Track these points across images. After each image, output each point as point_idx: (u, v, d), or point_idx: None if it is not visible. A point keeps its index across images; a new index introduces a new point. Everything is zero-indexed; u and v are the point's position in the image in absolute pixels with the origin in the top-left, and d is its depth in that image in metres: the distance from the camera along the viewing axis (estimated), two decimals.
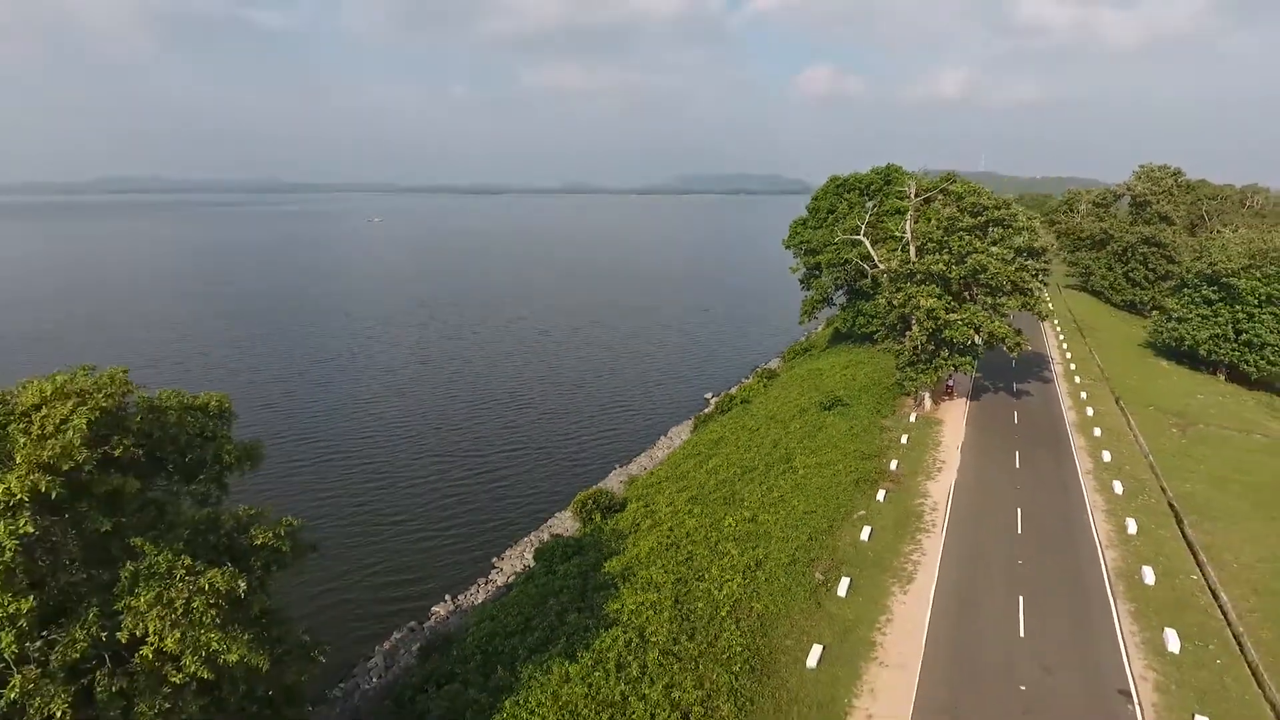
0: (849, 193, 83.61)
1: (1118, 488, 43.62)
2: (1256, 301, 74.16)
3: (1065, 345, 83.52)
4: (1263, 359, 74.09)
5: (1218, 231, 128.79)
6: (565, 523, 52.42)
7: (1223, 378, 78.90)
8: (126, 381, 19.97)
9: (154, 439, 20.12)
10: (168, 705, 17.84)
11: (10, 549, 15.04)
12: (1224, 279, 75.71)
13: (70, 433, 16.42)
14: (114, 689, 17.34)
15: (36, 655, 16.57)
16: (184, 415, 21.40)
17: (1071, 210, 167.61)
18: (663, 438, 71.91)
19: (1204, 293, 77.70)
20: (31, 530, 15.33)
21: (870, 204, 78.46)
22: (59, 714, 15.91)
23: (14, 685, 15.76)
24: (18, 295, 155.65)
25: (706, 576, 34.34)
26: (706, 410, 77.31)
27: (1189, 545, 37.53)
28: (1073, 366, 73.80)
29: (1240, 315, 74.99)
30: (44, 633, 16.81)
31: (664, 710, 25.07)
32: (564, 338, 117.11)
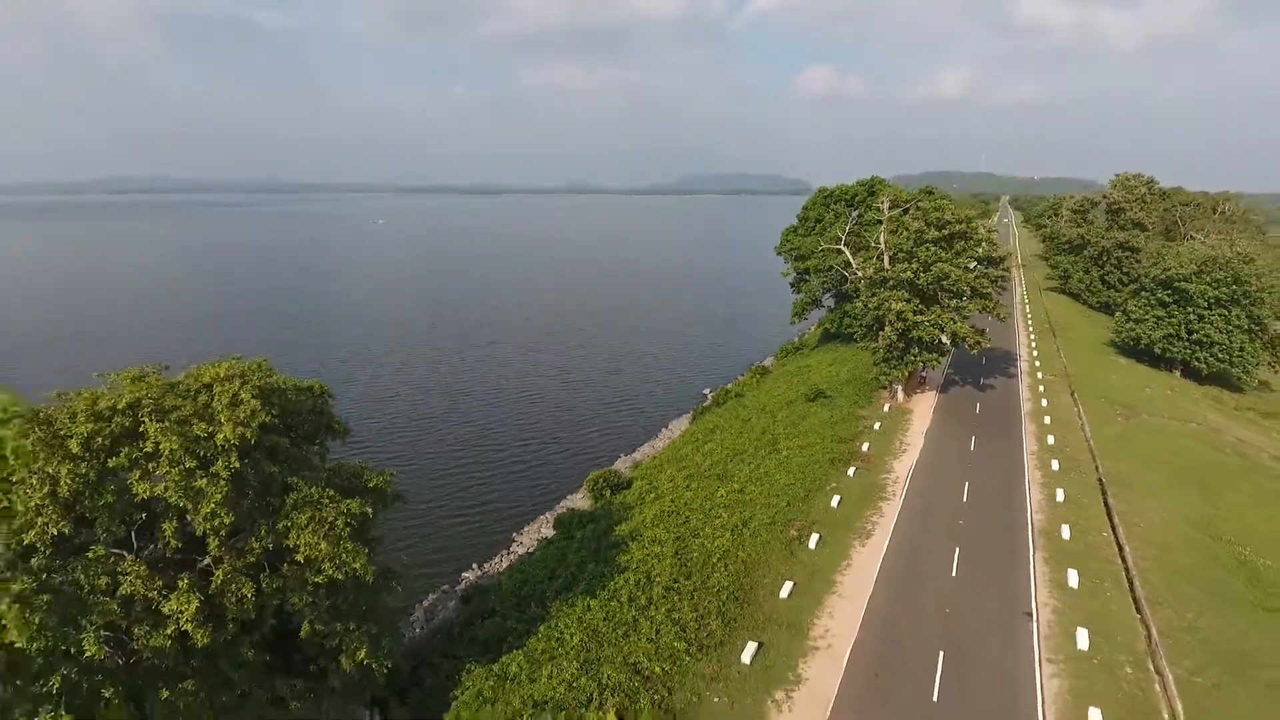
0: (835, 203, 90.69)
1: (1055, 465, 50.73)
2: (1206, 304, 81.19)
3: (1034, 344, 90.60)
4: (1211, 356, 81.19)
5: (1190, 237, 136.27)
6: (578, 501, 59.31)
7: (1178, 374, 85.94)
8: (270, 368, 27.12)
9: (287, 411, 27.20)
10: (310, 599, 24.90)
11: (225, 479, 22.06)
12: (1177, 283, 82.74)
13: (252, 401, 23.46)
14: (274, 586, 24.36)
15: (227, 556, 23.54)
16: (299, 395, 28.47)
17: (1056, 215, 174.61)
18: (664, 429, 78.84)
19: (1159, 296, 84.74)
20: (237, 466, 22.37)
21: (854, 214, 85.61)
22: (248, 594, 22.99)
23: (219, 575, 22.82)
24: (45, 294, 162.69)
25: (701, 534, 41.40)
26: (705, 404, 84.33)
27: (1108, 511, 44.58)
28: (1037, 363, 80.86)
29: (1191, 317, 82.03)
30: (232, 541, 23.82)
31: (667, 626, 32.13)
32: (571, 337, 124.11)
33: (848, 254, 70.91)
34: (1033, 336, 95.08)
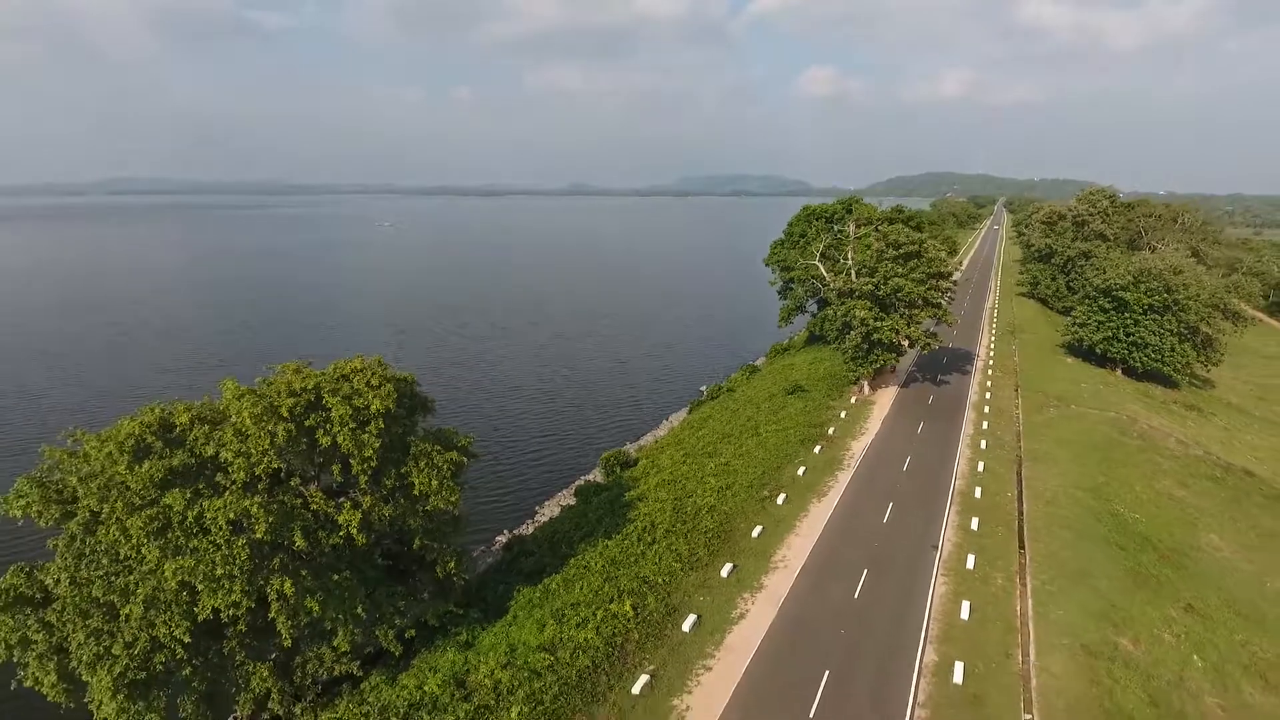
0: (816, 220, 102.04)
1: (984, 445, 62.11)
2: (1141, 311, 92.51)
3: (993, 345, 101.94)
4: (1145, 356, 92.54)
5: (1152, 247, 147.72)
6: (593, 477, 70.45)
7: (1119, 372, 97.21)
8: (385, 363, 38.33)
9: (399, 393, 38.43)
10: (420, 523, 36.17)
11: (375, 435, 33.27)
12: (1116, 292, 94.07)
13: (387, 383, 34.70)
14: (398, 511, 35.55)
15: (371, 491, 34.70)
16: (399, 382, 39.69)
17: (1031, 225, 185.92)
18: (665, 420, 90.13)
19: (1101, 303, 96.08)
20: (382, 426, 33.60)
21: (835, 228, 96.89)
22: (386, 514, 34.26)
23: (366, 502, 34.04)
24: (88, 300, 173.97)
25: (694, 495, 52.66)
26: (700, 398, 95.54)
27: (1018, 478, 55.90)
28: (991, 362, 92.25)
29: (1128, 321, 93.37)
30: (373, 478, 35.02)
31: (667, 554, 43.42)
32: (581, 339, 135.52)
33: (821, 269, 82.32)
34: (993, 338, 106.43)
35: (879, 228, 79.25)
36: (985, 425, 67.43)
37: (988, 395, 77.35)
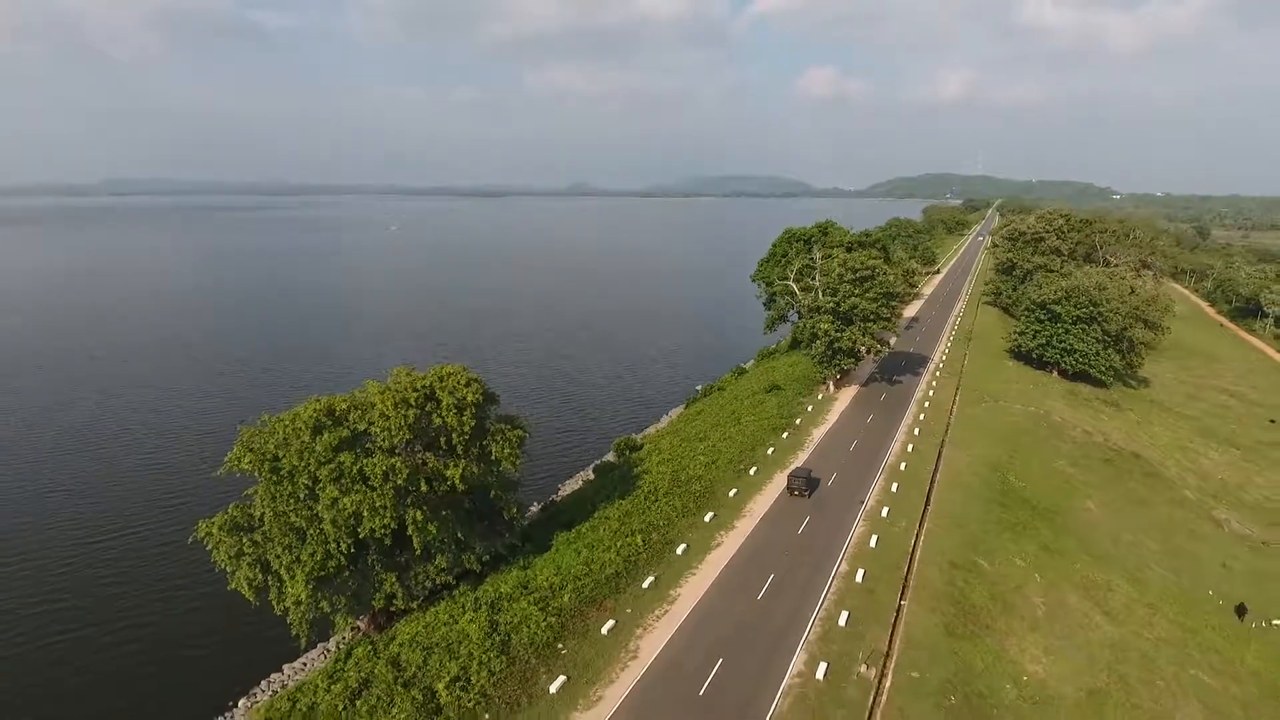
0: (796, 242, 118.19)
1: (917, 432, 78.22)
2: (1070, 321, 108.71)
3: (948, 350, 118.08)
4: (1074, 360, 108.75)
5: (1106, 260, 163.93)
6: (608, 459, 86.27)
7: (1056, 374, 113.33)
8: (467, 369, 54.43)
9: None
10: (491, 478, 52.32)
11: (470, 417, 49.31)
12: (1049, 305, 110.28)
13: (476, 382, 50.78)
14: (481, 470, 51.61)
15: (464, 456, 50.68)
16: (479, 383, 55.78)
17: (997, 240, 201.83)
18: (665, 415, 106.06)
19: (1037, 314, 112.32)
20: (474, 411, 49.66)
21: (811, 249, 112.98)
22: (476, 471, 50.39)
23: (462, 464, 50.13)
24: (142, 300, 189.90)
25: (687, 468, 68.77)
26: (695, 395, 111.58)
27: (938, 457, 72.01)
28: (942, 365, 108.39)
29: (1060, 330, 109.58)
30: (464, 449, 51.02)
31: (667, 507, 59.53)
32: (591, 344, 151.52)
33: (795, 288, 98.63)
34: (949, 344, 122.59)
35: (850, 249, 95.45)
36: (923, 417, 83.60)
37: (931, 393, 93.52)
